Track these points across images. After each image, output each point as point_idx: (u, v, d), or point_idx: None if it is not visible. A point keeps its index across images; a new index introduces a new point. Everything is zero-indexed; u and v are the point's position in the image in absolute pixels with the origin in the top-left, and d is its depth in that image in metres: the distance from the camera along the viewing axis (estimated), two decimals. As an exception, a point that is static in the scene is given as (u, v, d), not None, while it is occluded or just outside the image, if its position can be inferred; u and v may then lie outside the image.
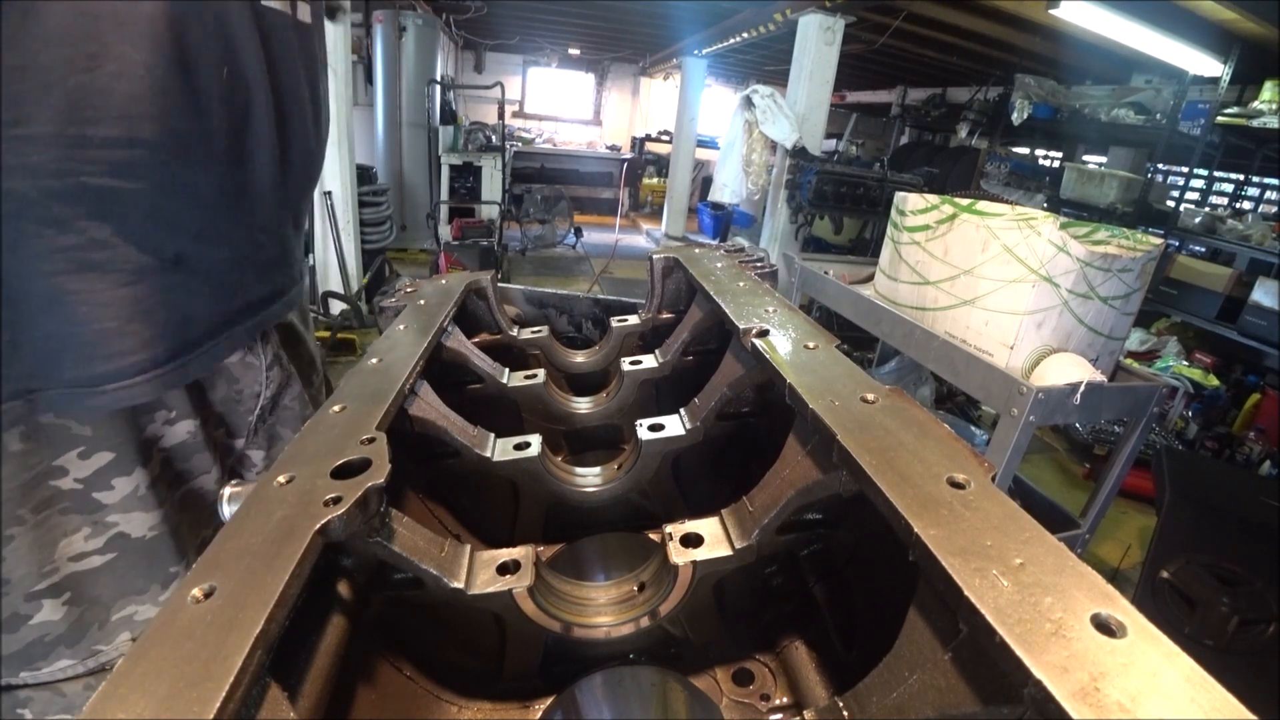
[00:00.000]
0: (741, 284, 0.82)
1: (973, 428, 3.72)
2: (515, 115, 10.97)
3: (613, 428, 0.90)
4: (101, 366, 0.59)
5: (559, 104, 11.61)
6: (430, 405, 0.66)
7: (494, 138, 7.57)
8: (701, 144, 9.46)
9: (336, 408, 0.54)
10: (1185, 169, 5.33)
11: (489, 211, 6.86)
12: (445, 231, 6.48)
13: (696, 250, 0.98)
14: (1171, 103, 4.81)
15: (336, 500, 0.40)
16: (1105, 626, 0.28)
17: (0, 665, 0.61)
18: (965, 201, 1.99)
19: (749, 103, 4.92)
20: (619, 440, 0.90)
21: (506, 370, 0.86)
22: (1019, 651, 0.27)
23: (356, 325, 4.52)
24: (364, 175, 5.37)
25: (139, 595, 0.68)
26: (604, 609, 0.56)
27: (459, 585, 0.48)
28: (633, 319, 0.98)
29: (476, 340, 0.93)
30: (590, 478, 0.74)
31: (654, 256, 0.96)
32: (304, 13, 0.74)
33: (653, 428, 0.71)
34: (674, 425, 0.71)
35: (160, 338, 0.62)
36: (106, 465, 0.63)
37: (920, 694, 0.36)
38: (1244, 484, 2.72)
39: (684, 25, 7.30)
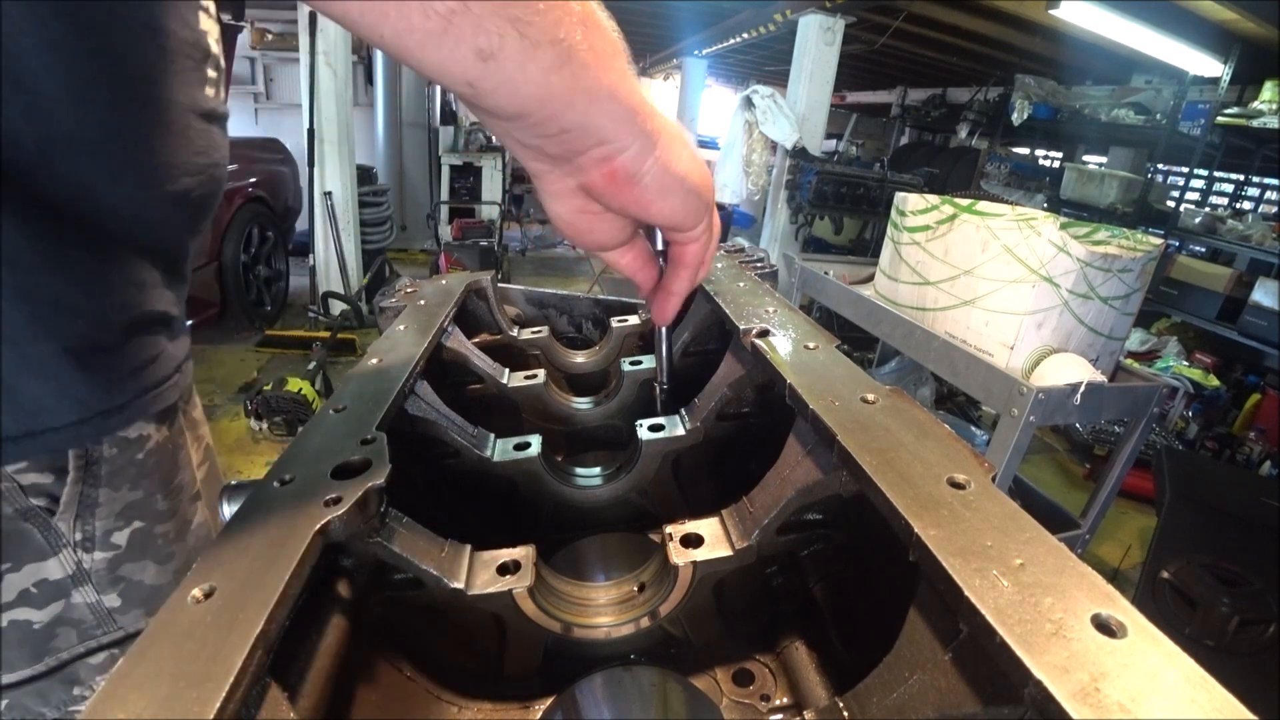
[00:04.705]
0: (741, 284, 0.82)
1: (973, 428, 3.72)
2: (516, 115, 10.95)
3: (613, 428, 0.90)
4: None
5: (559, 104, 11.58)
6: (430, 405, 0.66)
7: (494, 138, 7.57)
8: (701, 144, 9.45)
9: (337, 408, 0.54)
10: (1185, 169, 5.34)
11: (489, 212, 6.85)
12: (445, 232, 6.48)
13: (696, 250, 0.98)
14: (1171, 103, 4.81)
15: (336, 500, 0.40)
16: (1105, 627, 0.28)
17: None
18: (965, 202, 1.99)
19: (749, 103, 4.92)
20: (619, 440, 0.90)
21: (506, 370, 0.86)
22: (1019, 652, 0.27)
23: (356, 325, 4.53)
24: (364, 175, 5.37)
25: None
26: (604, 609, 0.56)
27: (459, 585, 0.48)
28: (633, 319, 0.98)
29: (476, 340, 0.93)
30: (590, 478, 0.74)
31: None
32: None
33: (653, 428, 0.71)
34: (674, 425, 0.71)
35: None
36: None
37: (920, 694, 0.36)
38: (1244, 484, 2.72)
39: (684, 25, 7.31)
